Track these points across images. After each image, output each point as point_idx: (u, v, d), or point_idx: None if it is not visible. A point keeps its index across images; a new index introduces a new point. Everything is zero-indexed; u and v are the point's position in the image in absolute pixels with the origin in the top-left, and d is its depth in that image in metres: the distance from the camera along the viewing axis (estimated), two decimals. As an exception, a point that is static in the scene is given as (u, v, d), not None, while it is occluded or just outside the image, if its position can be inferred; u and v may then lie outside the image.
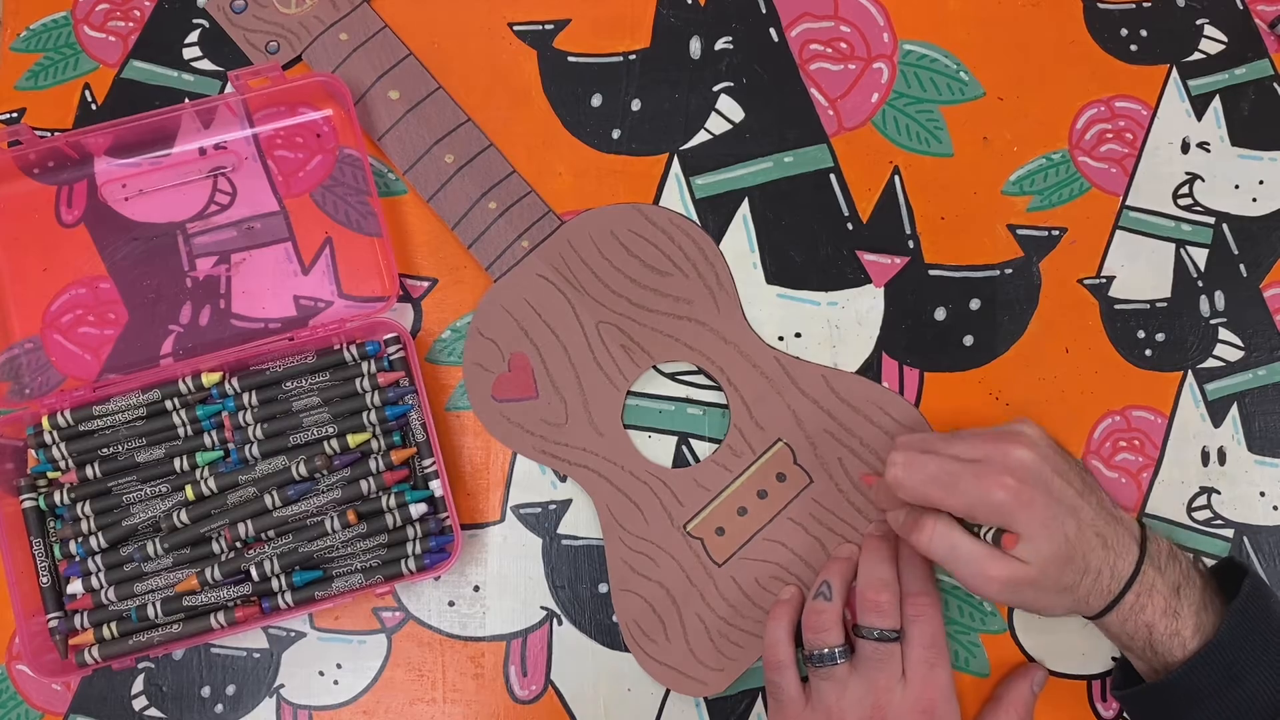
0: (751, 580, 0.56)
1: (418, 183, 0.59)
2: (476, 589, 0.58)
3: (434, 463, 0.57)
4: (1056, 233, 0.60)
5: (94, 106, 0.63)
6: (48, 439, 0.56)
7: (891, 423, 0.57)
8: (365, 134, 0.60)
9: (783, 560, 0.57)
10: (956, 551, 0.49)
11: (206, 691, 0.57)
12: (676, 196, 0.61)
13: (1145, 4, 0.63)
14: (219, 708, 0.57)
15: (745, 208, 0.61)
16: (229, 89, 0.62)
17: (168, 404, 0.57)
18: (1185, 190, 0.61)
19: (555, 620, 0.58)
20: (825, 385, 0.58)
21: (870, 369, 0.59)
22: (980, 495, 0.48)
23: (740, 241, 0.60)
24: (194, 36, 0.63)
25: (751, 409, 0.58)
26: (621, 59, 0.63)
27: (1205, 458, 0.59)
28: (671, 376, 0.59)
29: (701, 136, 0.62)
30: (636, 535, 0.57)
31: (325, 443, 0.56)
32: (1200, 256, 0.60)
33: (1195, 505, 0.58)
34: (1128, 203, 0.61)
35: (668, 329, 0.58)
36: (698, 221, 0.61)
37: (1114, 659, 0.57)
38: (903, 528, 0.52)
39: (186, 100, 0.62)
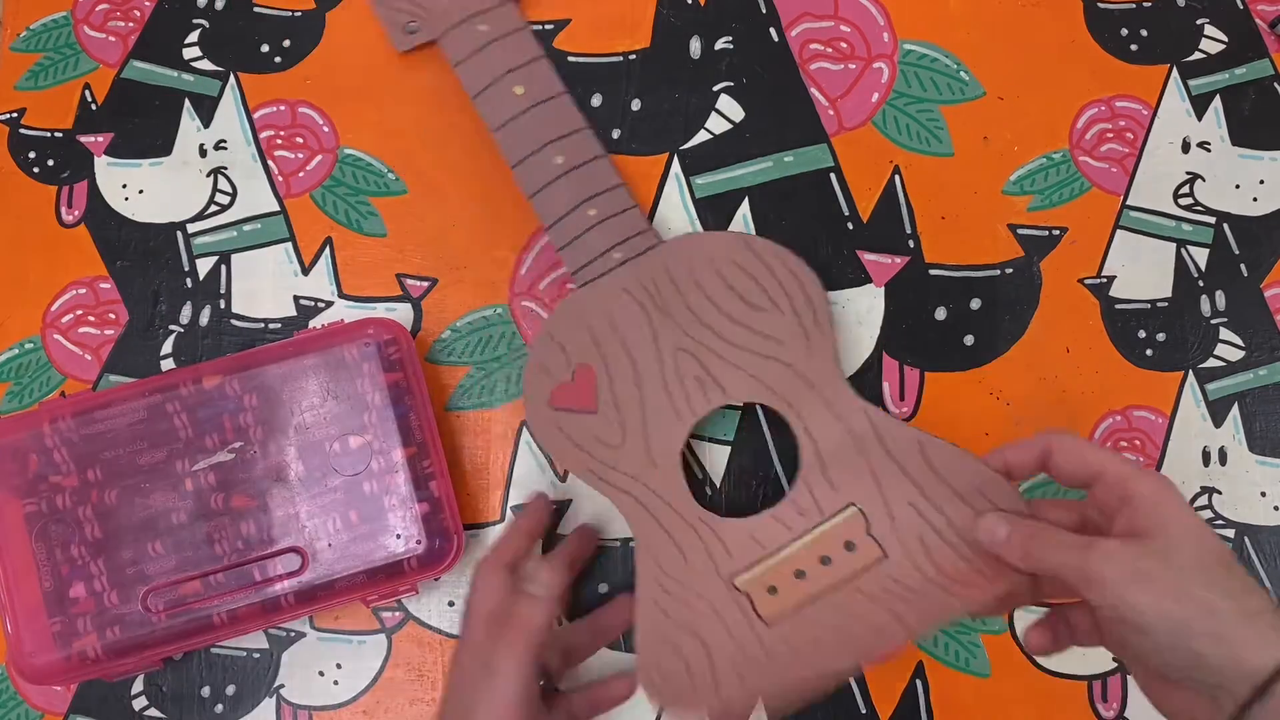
0: (808, 644, 0.50)
1: (521, 178, 0.57)
2: None
3: (434, 463, 0.57)
4: (1057, 232, 0.60)
5: (94, 106, 0.63)
6: (48, 441, 0.56)
7: (988, 506, 0.50)
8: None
9: (849, 634, 0.50)
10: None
11: (206, 691, 0.57)
12: (677, 196, 0.61)
13: (1145, 4, 0.63)
14: (219, 708, 0.57)
15: (745, 207, 0.61)
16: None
17: (168, 405, 0.57)
18: (1186, 190, 0.61)
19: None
20: (919, 452, 0.51)
21: (870, 369, 0.59)
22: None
23: (740, 241, 0.61)
24: (194, 36, 0.63)
25: (826, 465, 0.52)
26: (621, 59, 0.63)
27: (1206, 458, 0.58)
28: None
29: (701, 136, 0.62)
30: (674, 578, 0.52)
31: (326, 443, 0.56)
32: (1201, 256, 0.60)
33: (1196, 505, 0.58)
34: (1128, 202, 0.61)
35: (749, 366, 0.54)
36: (700, 225, 0.60)
37: (1115, 660, 0.57)
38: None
39: (186, 100, 0.62)
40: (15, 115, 0.63)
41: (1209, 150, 0.61)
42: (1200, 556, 0.42)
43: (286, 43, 0.63)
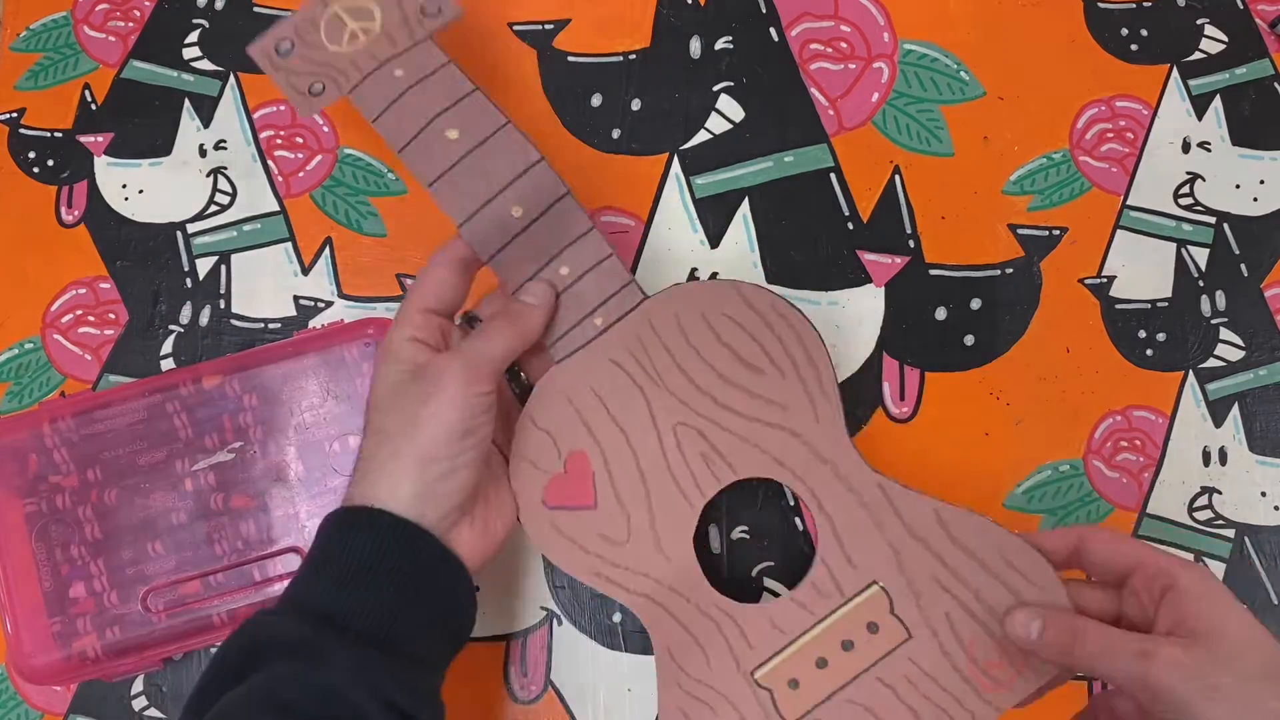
0: None
1: (474, 238, 0.49)
2: (476, 589, 0.58)
3: (434, 463, 0.56)
4: (1057, 232, 0.60)
5: (94, 106, 0.63)
6: (48, 441, 0.56)
7: (1017, 578, 0.48)
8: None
9: None
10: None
11: (207, 692, 0.57)
12: (677, 196, 0.61)
13: (1145, 4, 0.63)
14: (219, 708, 0.57)
15: (745, 207, 0.61)
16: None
17: (168, 405, 0.57)
18: (1186, 190, 0.61)
19: (555, 620, 0.58)
20: (937, 523, 0.49)
21: (871, 368, 0.59)
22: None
23: (740, 241, 0.60)
24: (194, 36, 0.63)
25: (844, 542, 0.49)
26: (621, 59, 0.63)
27: (1206, 458, 0.58)
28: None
29: (701, 136, 0.62)
30: (696, 679, 0.49)
31: (326, 443, 0.56)
32: (1201, 256, 0.60)
33: (1196, 505, 0.58)
34: (1128, 202, 0.61)
35: (755, 437, 0.50)
36: (700, 225, 0.60)
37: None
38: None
39: (186, 100, 0.62)
40: (15, 115, 0.63)
41: (1209, 150, 0.61)
42: (1265, 664, 0.41)
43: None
